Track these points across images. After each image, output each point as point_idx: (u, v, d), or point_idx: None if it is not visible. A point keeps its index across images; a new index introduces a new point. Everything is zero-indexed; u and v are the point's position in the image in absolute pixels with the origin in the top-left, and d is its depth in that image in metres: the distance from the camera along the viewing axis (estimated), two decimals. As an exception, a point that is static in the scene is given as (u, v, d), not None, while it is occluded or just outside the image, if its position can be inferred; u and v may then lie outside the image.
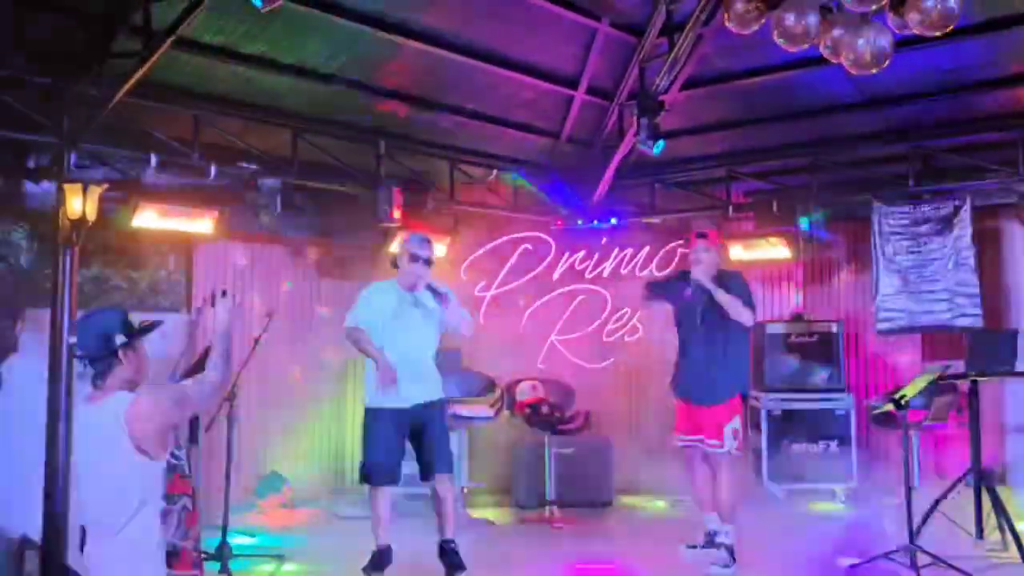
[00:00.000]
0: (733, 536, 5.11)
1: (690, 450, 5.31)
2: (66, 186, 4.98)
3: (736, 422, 5.19)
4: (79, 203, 4.97)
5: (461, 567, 4.82)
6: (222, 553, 4.94)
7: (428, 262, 4.86)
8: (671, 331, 5.52)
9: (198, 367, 2.81)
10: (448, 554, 4.84)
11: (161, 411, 2.60)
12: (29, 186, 5.41)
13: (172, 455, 2.64)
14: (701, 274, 5.15)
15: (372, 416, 4.90)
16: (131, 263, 6.28)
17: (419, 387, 4.84)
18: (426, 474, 4.88)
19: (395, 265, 4.98)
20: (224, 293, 2.89)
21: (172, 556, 2.58)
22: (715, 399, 5.17)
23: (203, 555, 4.47)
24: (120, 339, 2.65)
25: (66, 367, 4.83)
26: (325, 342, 7.03)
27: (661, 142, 6.25)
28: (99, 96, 5.00)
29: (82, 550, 2.84)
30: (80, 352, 2.70)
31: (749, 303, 5.19)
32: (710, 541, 5.32)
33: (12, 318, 5.49)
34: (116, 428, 2.54)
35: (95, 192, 5.03)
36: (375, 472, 4.83)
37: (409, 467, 5.00)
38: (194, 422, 4.71)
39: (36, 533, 4.81)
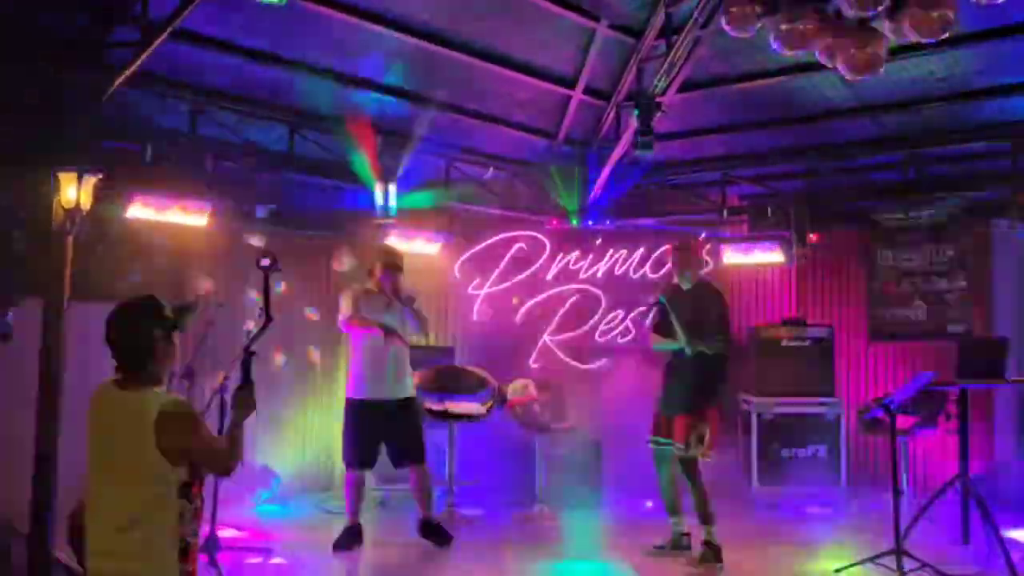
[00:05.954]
0: (716, 536, 5.12)
1: (661, 451, 5.33)
2: (61, 175, 4.96)
3: (706, 428, 5.16)
4: (73, 192, 4.96)
5: (447, 539, 5.36)
6: (210, 546, 4.93)
7: (397, 269, 5.44)
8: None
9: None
10: (432, 529, 5.39)
11: (190, 437, 2.52)
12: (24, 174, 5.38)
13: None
14: (685, 283, 5.34)
15: (351, 407, 5.46)
16: (124, 254, 6.24)
17: (395, 384, 5.42)
18: (402, 462, 5.45)
19: (371, 275, 5.57)
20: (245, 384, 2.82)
21: (183, 552, 2.53)
22: (693, 409, 5.16)
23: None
24: (158, 332, 2.57)
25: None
26: (316, 336, 7.03)
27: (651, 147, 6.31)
28: (95, 85, 4.98)
29: (74, 542, 2.79)
30: (118, 345, 2.57)
31: (724, 331, 5.24)
32: (677, 543, 5.34)
33: (4, 307, 5.46)
34: (142, 424, 2.45)
35: (90, 182, 5.01)
36: (351, 457, 5.40)
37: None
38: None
39: (23, 524, 4.79)
